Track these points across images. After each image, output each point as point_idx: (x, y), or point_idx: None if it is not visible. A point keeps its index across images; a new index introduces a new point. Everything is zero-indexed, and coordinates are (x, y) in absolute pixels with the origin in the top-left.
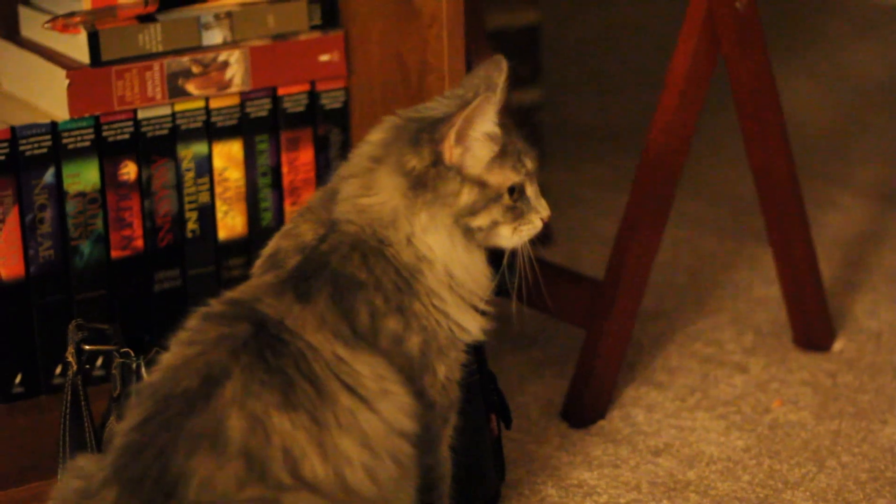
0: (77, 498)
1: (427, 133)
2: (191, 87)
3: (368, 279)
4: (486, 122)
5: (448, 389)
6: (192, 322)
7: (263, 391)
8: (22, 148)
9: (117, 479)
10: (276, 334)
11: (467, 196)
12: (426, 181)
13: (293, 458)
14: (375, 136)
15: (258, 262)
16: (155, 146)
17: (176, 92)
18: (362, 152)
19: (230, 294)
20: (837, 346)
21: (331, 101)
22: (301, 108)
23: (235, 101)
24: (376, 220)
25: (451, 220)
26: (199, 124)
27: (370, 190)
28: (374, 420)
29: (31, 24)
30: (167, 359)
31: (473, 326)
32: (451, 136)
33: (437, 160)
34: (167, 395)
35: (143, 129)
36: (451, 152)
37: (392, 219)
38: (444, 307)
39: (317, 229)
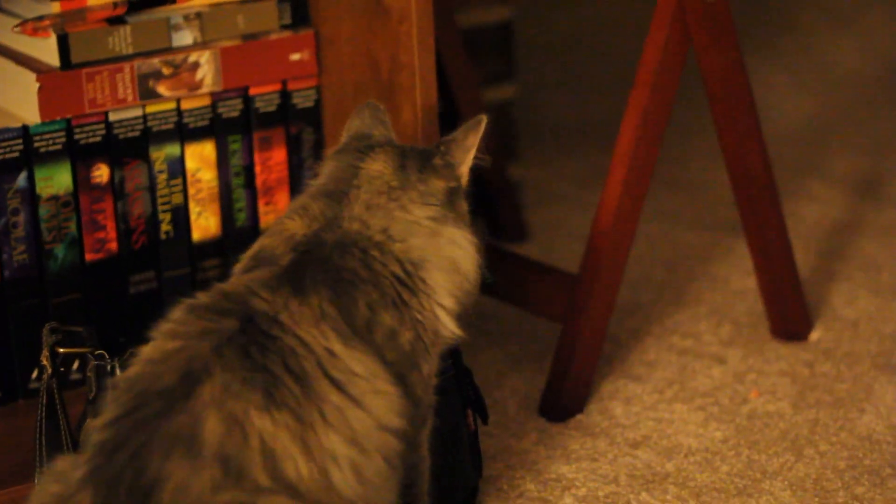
0: (54, 502)
1: (441, 158)
2: (162, 89)
3: (368, 275)
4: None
5: (429, 388)
6: (177, 313)
7: (244, 390)
8: None
9: (93, 480)
10: (264, 330)
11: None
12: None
13: (274, 458)
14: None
15: (239, 265)
16: (127, 148)
17: (147, 94)
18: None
19: (220, 286)
20: (815, 335)
21: (302, 100)
22: (273, 108)
23: (207, 101)
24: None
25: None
26: (171, 125)
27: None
28: (363, 417)
29: (1, 29)
30: (148, 351)
31: (457, 328)
32: (469, 160)
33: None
34: (145, 392)
35: (115, 132)
36: (465, 177)
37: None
38: (435, 310)
39: (310, 225)
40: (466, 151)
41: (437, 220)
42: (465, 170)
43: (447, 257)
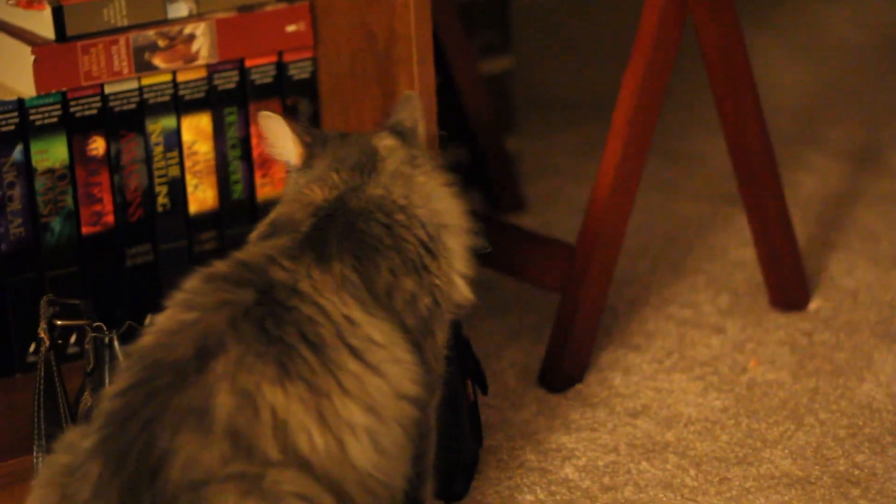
0: (63, 473)
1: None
2: (157, 61)
3: (392, 241)
4: None
5: (440, 357)
6: (193, 283)
7: (258, 364)
8: None
9: (102, 451)
10: (281, 300)
11: None
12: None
13: (286, 432)
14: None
15: (255, 233)
16: (123, 121)
17: (142, 66)
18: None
19: (238, 255)
20: (813, 305)
21: (298, 72)
22: (269, 80)
23: (203, 73)
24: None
25: None
26: (167, 98)
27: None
28: (381, 385)
29: None
30: (162, 321)
31: (470, 293)
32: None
33: None
34: (158, 362)
35: (111, 104)
36: None
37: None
38: (452, 276)
39: (329, 192)
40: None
41: (449, 185)
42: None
43: (461, 221)
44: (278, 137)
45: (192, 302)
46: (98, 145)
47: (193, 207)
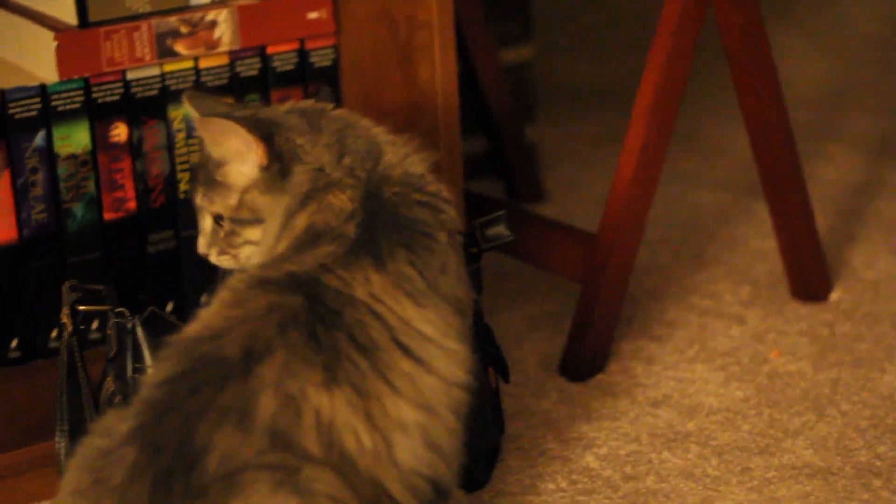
0: (98, 456)
1: None
2: (179, 48)
3: (434, 218)
4: None
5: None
6: (240, 283)
7: (304, 369)
8: (11, 111)
9: (139, 438)
10: (332, 307)
11: None
12: None
13: (331, 432)
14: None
15: (286, 244)
16: (145, 107)
17: (165, 52)
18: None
19: (287, 266)
20: (834, 296)
21: (320, 59)
22: (290, 67)
23: (225, 60)
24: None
25: None
26: (189, 84)
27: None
28: (433, 381)
29: None
30: (208, 317)
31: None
32: None
33: None
34: (204, 358)
35: (133, 90)
36: None
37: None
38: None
39: (354, 194)
40: None
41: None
42: None
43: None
44: (231, 140)
45: (242, 302)
46: (120, 131)
47: None
